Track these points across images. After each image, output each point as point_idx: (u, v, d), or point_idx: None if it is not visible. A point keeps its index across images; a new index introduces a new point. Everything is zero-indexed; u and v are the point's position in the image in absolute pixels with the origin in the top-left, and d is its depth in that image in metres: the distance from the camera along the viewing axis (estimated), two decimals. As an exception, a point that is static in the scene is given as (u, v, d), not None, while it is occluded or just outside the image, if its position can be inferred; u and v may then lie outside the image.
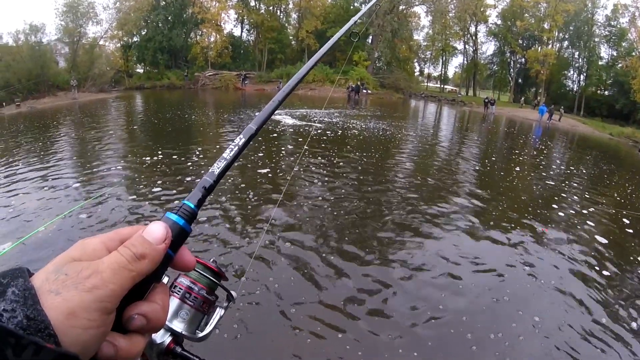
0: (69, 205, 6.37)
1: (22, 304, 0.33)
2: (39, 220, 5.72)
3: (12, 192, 7.06)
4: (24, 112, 20.28)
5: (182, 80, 40.45)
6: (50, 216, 5.85)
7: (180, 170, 8.56)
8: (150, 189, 7.29)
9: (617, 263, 5.81)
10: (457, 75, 63.17)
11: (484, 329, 3.94)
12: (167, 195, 7.00)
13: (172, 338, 0.59)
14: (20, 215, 5.98)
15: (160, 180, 7.80)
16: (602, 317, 4.36)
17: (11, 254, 4.67)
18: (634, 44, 39.30)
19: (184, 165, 8.98)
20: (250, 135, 0.62)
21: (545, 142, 20.30)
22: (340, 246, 5.47)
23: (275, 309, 4.00)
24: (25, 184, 7.51)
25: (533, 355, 3.66)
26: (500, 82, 55.32)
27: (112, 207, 6.39)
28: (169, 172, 8.38)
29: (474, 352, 3.62)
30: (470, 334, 3.83)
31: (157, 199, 6.83)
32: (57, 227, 5.54)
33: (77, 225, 5.71)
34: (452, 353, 3.64)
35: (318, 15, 46.66)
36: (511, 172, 11.34)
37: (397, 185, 8.80)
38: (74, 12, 33.09)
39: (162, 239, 0.44)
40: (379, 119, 21.66)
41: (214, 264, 0.68)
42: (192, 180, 7.91)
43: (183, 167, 8.89)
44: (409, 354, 3.53)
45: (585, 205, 8.65)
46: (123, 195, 7.00)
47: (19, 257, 4.66)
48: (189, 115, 18.68)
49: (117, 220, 5.90)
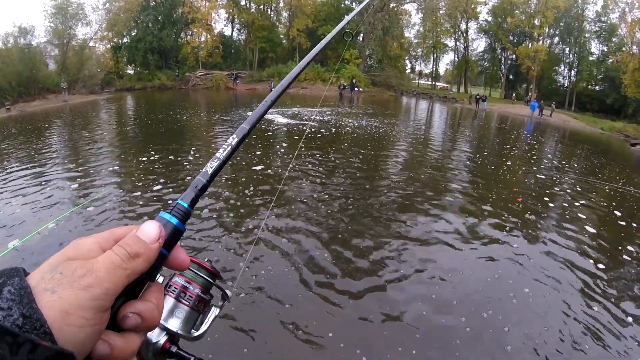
0: (64, 208, 6.34)
1: (18, 302, 0.34)
2: (33, 224, 5.68)
3: (4, 196, 6.99)
4: (14, 116, 20.06)
5: (173, 81, 40.25)
6: (44, 220, 5.82)
7: (174, 170, 8.54)
8: (144, 190, 7.26)
9: (608, 254, 5.88)
10: (449, 72, 63.50)
11: (479, 315, 3.98)
12: (162, 195, 6.97)
13: (167, 337, 0.59)
14: (14, 220, 5.93)
15: (154, 181, 7.76)
16: (594, 305, 4.42)
17: (5, 259, 4.63)
18: (624, 39, 39.60)
19: (178, 166, 8.95)
20: (243, 135, 0.62)
21: (536, 138, 20.44)
22: (336, 244, 5.48)
23: (270, 307, 4.01)
24: (18, 187, 7.44)
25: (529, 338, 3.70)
26: (492, 79, 55.67)
27: (106, 208, 6.37)
28: (162, 173, 8.34)
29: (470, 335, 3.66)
30: (465, 318, 3.87)
31: (152, 200, 6.80)
32: (52, 231, 5.50)
33: (72, 228, 5.68)
34: (453, 348, 3.66)
35: (309, 13, 46.60)
36: (502, 166, 11.45)
37: (390, 180, 8.83)
38: (63, 14, 32.74)
39: (156, 238, 0.45)
40: (371, 116, 21.71)
41: (208, 263, 0.68)
42: (186, 179, 7.89)
43: (177, 167, 8.86)
44: (408, 352, 3.55)
45: (576, 198, 8.74)
46: (118, 196, 6.97)
47: (14, 261, 4.62)
48: (180, 115, 18.61)
49: (112, 221, 5.88)
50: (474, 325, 3.96)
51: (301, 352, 3.50)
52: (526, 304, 4.39)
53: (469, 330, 3.88)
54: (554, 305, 4.41)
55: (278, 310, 3.98)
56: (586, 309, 4.39)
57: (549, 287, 4.80)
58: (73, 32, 34.01)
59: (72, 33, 33.88)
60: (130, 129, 16.08)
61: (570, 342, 3.79)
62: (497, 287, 4.74)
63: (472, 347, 3.66)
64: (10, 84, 24.67)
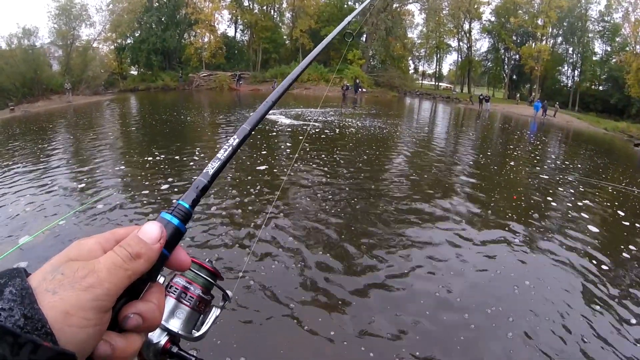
0: (67, 208, 6.36)
1: (19, 303, 0.34)
2: (38, 223, 5.71)
3: (9, 195, 7.04)
4: (18, 116, 20.17)
5: (176, 82, 40.32)
6: (48, 220, 5.84)
7: (178, 170, 8.56)
8: (149, 189, 7.29)
9: (610, 254, 5.86)
10: (452, 73, 63.22)
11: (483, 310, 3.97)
12: (166, 195, 6.99)
13: (168, 338, 0.59)
14: (19, 219, 5.97)
15: (159, 181, 7.79)
16: (597, 305, 4.41)
17: (9, 258, 4.66)
18: (627, 39, 39.40)
19: (182, 165, 8.98)
20: (244, 135, 0.63)
21: (540, 138, 20.37)
22: (339, 243, 5.48)
23: (271, 307, 4.01)
24: (23, 187, 7.49)
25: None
26: (495, 79, 55.46)
27: (111, 208, 6.40)
28: (167, 173, 8.36)
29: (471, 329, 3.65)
30: (468, 315, 3.87)
31: (156, 199, 6.83)
32: (55, 231, 5.53)
33: (77, 227, 5.70)
34: (457, 344, 3.66)
35: (312, 14, 46.60)
36: (506, 166, 11.43)
37: (394, 180, 8.82)
38: (67, 15, 32.94)
39: (157, 238, 0.45)
40: (374, 117, 21.69)
41: (209, 264, 0.68)
42: (192, 179, 7.90)
43: (181, 167, 8.89)
44: (413, 347, 3.54)
45: (579, 197, 8.71)
46: (122, 196, 7.00)
47: (17, 261, 4.65)
48: (184, 116, 18.65)
49: (116, 220, 5.90)
50: (477, 321, 3.97)
51: (303, 352, 3.50)
52: (528, 300, 4.38)
53: (473, 327, 3.88)
54: (557, 301, 4.42)
55: (280, 308, 3.98)
56: (587, 308, 4.38)
57: (551, 284, 4.81)
58: (77, 33, 34.28)
59: (76, 34, 34.13)
60: (135, 129, 16.14)
61: (572, 339, 3.78)
62: (499, 283, 4.73)
63: (475, 343, 3.66)
64: (14, 85, 24.82)
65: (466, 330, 3.84)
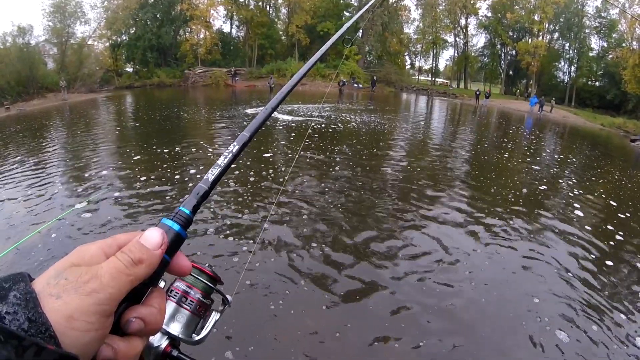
0: (64, 208, 6.34)
1: (23, 306, 0.34)
2: (33, 223, 5.69)
3: (4, 195, 7.01)
4: (14, 115, 20.07)
5: (172, 79, 40.14)
6: (44, 219, 5.82)
7: (176, 169, 8.54)
8: (145, 188, 7.28)
9: (605, 248, 5.92)
10: (449, 68, 63.24)
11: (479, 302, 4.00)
12: (163, 195, 6.98)
13: (168, 341, 0.60)
14: (15, 219, 5.95)
15: (155, 179, 7.78)
16: (591, 298, 4.44)
17: (5, 259, 4.64)
18: (624, 35, 39.49)
19: (179, 164, 8.96)
20: (243, 142, 0.64)
21: (535, 133, 20.42)
22: (340, 243, 5.50)
23: (271, 311, 4.00)
24: (18, 186, 7.46)
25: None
26: (491, 74, 55.45)
27: (107, 209, 6.37)
28: (164, 171, 8.33)
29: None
30: (467, 312, 3.89)
31: (153, 198, 6.81)
32: (52, 231, 5.50)
33: (73, 228, 5.68)
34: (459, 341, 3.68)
35: (308, 9, 46.24)
36: (502, 161, 11.51)
37: (392, 175, 8.89)
38: (62, 12, 32.67)
39: (159, 244, 0.46)
40: (371, 112, 21.71)
41: (209, 268, 0.68)
42: (189, 180, 7.90)
43: (179, 165, 8.86)
44: (412, 350, 3.56)
45: (575, 192, 8.77)
46: (118, 195, 6.97)
47: (14, 261, 4.63)
48: (181, 113, 18.58)
49: (113, 222, 5.87)
50: (474, 318, 4.00)
51: (305, 351, 3.51)
52: (523, 293, 4.41)
53: (470, 325, 3.90)
54: (555, 289, 4.51)
55: (279, 314, 3.98)
56: (580, 298, 4.42)
57: (547, 274, 4.92)
58: (71, 31, 34.05)
59: (71, 31, 33.92)
60: (131, 127, 16.08)
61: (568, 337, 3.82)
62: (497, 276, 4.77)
63: (473, 340, 3.68)
64: (9, 83, 24.70)
65: (465, 329, 3.87)
